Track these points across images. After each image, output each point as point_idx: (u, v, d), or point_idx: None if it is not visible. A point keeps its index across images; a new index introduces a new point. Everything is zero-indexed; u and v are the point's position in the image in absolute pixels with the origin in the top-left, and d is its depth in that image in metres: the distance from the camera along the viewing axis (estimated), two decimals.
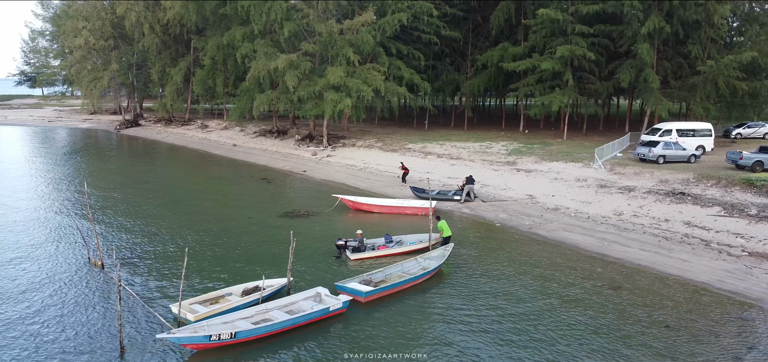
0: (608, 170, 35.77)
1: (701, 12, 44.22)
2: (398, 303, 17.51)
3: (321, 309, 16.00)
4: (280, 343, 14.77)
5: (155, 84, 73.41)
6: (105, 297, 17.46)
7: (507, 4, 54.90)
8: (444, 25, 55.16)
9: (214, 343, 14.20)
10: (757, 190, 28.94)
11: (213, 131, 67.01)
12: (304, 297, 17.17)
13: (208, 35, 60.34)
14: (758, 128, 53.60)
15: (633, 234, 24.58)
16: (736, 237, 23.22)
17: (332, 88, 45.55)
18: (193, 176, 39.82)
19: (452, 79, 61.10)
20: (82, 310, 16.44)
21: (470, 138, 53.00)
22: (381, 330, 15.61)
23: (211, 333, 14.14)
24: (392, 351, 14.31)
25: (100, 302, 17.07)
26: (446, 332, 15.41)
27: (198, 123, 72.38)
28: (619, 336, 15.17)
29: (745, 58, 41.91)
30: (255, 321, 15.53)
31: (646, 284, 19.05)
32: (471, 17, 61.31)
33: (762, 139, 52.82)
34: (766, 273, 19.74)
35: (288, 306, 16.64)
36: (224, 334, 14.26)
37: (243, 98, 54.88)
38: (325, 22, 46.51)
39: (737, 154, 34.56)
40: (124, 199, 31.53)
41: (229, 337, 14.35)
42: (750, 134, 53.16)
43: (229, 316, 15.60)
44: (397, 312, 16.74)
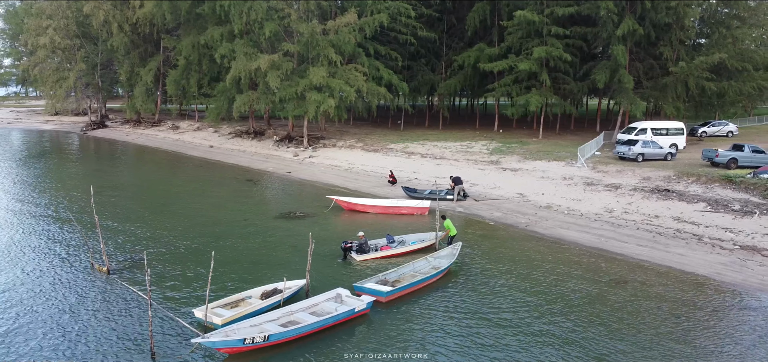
0: (591, 169, 36.80)
1: (672, 15, 45.90)
2: (415, 302, 17.65)
3: (347, 310, 16.05)
4: (308, 345, 14.73)
5: (124, 84, 71.55)
6: (124, 303, 17.07)
7: (482, 6, 55.74)
8: (421, 26, 55.71)
9: (248, 347, 14.11)
10: (736, 186, 30.27)
11: (185, 132, 65.81)
12: (325, 298, 17.17)
13: (182, 34, 59.29)
14: (722, 127, 55.93)
15: (627, 230, 25.42)
16: (725, 232, 24.29)
17: (314, 89, 45.42)
18: (177, 178, 39.09)
19: (428, 79, 61.65)
20: (104, 319, 16.01)
21: (448, 138, 53.61)
22: (405, 329, 15.74)
23: (245, 337, 14.04)
24: (421, 350, 14.45)
25: (121, 309, 16.68)
26: (471, 328, 15.65)
27: (168, 124, 70.97)
28: (638, 328, 15.72)
29: (715, 59, 43.72)
30: (284, 324, 15.48)
31: (651, 278, 19.76)
32: (445, 18, 62.02)
33: (725, 137, 55.22)
34: (760, 265, 20.74)
35: (311, 307, 16.61)
36: (257, 337, 14.18)
37: (220, 99, 54.12)
38: (308, 23, 46.31)
39: (713, 152, 36.04)
40: (112, 202, 30.71)
41: (263, 340, 14.27)
42: (714, 132, 55.41)
43: (256, 319, 15.50)
44: (417, 311, 16.89)
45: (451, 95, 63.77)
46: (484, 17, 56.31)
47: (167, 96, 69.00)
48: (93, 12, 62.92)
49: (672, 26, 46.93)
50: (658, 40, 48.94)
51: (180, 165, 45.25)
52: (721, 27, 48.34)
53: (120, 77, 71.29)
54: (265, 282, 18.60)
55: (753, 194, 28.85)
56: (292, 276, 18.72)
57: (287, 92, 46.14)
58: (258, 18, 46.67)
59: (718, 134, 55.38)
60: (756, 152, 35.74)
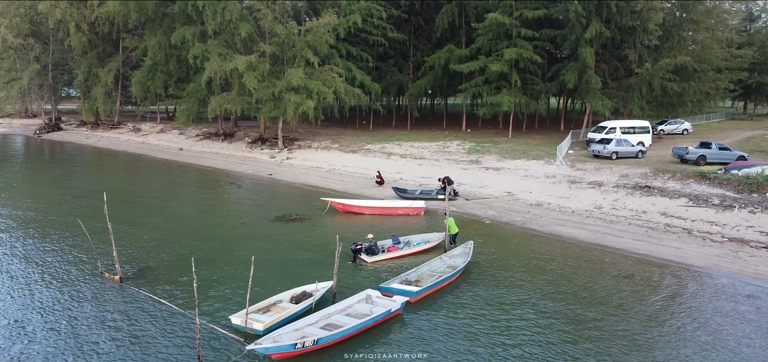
0: (570, 167, 38.08)
1: (636, 18, 47.96)
2: (438, 300, 17.96)
3: (384, 311, 16.22)
4: (351, 347, 14.83)
5: (81, 85, 68.85)
6: (149, 314, 16.67)
7: (451, 7, 56.66)
8: (391, 27, 56.15)
9: (299, 351, 14.13)
10: (710, 181, 32.03)
11: (149, 134, 63.97)
12: (357, 300, 17.29)
13: (147, 34, 57.56)
14: (678, 125, 58.91)
15: (620, 226, 26.54)
16: (712, 225, 25.72)
17: (292, 90, 45.12)
18: (156, 182, 38.03)
19: (396, 80, 62.13)
20: (139, 331, 15.62)
21: (420, 138, 54.29)
22: (439, 327, 16.00)
23: (296, 342, 14.05)
24: (459, 347, 14.79)
25: (150, 319, 16.31)
26: (502, 325, 16.10)
27: (129, 126, 68.80)
28: (663, 320, 16.58)
29: (679, 61, 45.96)
30: (326, 327, 15.53)
31: (654, 271, 20.76)
32: (413, 20, 62.64)
33: (681, 135, 58.14)
34: (751, 256, 22.12)
35: (345, 310, 16.70)
36: (307, 342, 14.20)
37: (190, 100, 52.94)
38: (286, 24, 45.93)
39: (683, 149, 37.95)
40: (97, 208, 29.71)
41: (312, 344, 14.31)
42: (672, 130, 58.30)
43: (297, 324, 15.48)
44: (443, 310, 17.19)
45: (421, 95, 64.42)
46: (452, 19, 57.25)
47: (131, 98, 66.79)
48: (49, 10, 60.31)
49: (636, 29, 49.02)
50: (622, 42, 51.02)
51: (154, 169, 44.00)
52: (679, 30, 50.79)
53: (76, 78, 68.51)
54: (284, 284, 18.57)
55: (727, 189, 30.62)
56: (310, 278, 18.74)
57: (264, 94, 45.62)
58: (233, 18, 45.91)
59: (675, 132, 58.30)
60: (722, 149, 37.89)
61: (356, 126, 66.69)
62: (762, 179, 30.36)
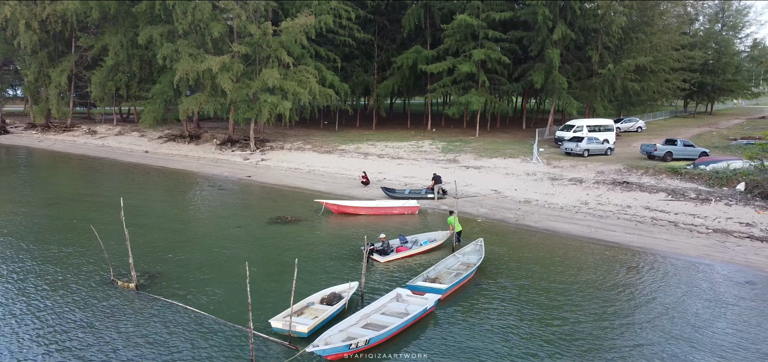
0: (546, 164, 39.43)
1: (599, 21, 50.09)
2: (460, 297, 18.40)
3: (421, 309, 16.51)
4: (394, 346, 15.05)
5: (30, 86, 65.54)
6: (178, 321, 16.33)
7: (417, 9, 57.50)
8: (358, 27, 56.39)
9: (353, 351, 14.26)
10: (682, 176, 33.95)
11: (106, 136, 61.66)
12: (389, 299, 17.51)
13: (107, 33, 55.46)
14: (633, 123, 61.75)
15: (610, 220, 27.78)
16: (694, 218, 27.32)
17: (267, 91, 44.66)
18: (133, 187, 36.75)
19: (362, 80, 62.40)
20: (174, 341, 15.32)
21: (390, 137, 54.80)
22: (474, 322, 16.42)
23: (350, 342, 14.17)
24: (497, 340, 15.28)
25: (181, 328, 15.98)
26: (533, 317, 16.71)
27: (83, 129, 66.10)
28: (678, 309, 17.61)
29: (641, 62, 48.32)
30: (370, 327, 15.71)
31: (654, 263, 21.92)
32: (377, 20, 63.07)
33: (636, 132, 61.01)
34: (737, 246, 23.69)
35: (381, 309, 16.90)
36: (360, 342, 14.34)
37: (156, 101, 51.45)
38: (262, 23, 45.35)
39: (652, 146, 39.98)
40: (83, 214, 28.59)
41: (365, 344, 14.46)
42: (627, 127, 61.05)
43: (340, 325, 15.54)
44: (472, 305, 17.64)
45: (388, 95, 64.93)
46: (418, 20, 58.06)
47: (85, 99, 64.14)
48: None
49: (599, 31, 51.15)
50: (585, 44, 53.12)
51: (125, 172, 42.48)
52: (637, 32, 53.39)
53: (25, 79, 65.19)
54: (302, 287, 18.55)
55: (699, 184, 32.55)
56: (328, 279, 18.86)
57: (238, 94, 44.91)
58: (204, 18, 44.95)
59: (630, 129, 61.11)
60: (687, 145, 40.17)
61: (320, 127, 66.48)
62: (730, 174, 32.42)
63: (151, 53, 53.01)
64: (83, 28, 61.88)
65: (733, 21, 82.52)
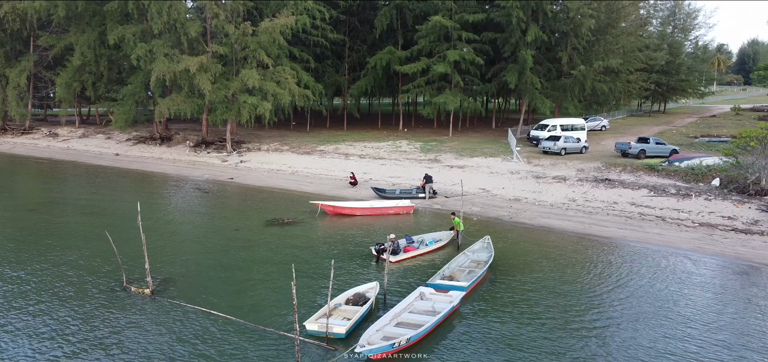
0: (526, 163, 40.45)
1: (569, 24, 51.64)
2: (479, 294, 18.89)
3: (450, 306, 16.85)
4: (427, 344, 15.33)
5: None
6: (205, 327, 16.15)
7: (389, 10, 57.93)
8: (331, 28, 56.37)
9: (396, 349, 14.47)
10: (659, 173, 35.49)
11: (69, 139, 59.46)
12: (414, 298, 17.77)
13: (73, 32, 53.49)
14: (598, 122, 63.90)
15: (600, 216, 28.82)
16: (679, 212, 28.64)
17: (247, 91, 44.14)
18: (114, 191, 35.66)
19: (334, 80, 62.32)
20: (208, 349, 15.16)
21: (365, 137, 55.04)
22: (501, 316, 16.88)
23: (393, 341, 14.37)
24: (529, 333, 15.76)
25: (211, 334, 15.81)
26: (552, 316, 17.30)
27: (43, 131, 63.55)
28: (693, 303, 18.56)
29: (611, 63, 50.10)
30: (405, 325, 15.95)
31: (653, 255, 22.92)
32: (348, 20, 63.10)
33: (600, 131, 63.15)
34: (724, 238, 25.02)
35: (409, 308, 17.15)
36: (402, 340, 14.54)
37: (127, 103, 50.03)
38: (239, 24, 44.73)
39: (626, 144, 41.59)
40: (61, 221, 27.68)
41: (406, 342, 14.68)
42: (592, 126, 63.05)
43: (376, 325, 15.68)
44: (489, 301, 18.11)
45: (361, 95, 65.04)
46: (391, 21, 58.47)
47: (48, 100, 61.71)
48: None
49: (569, 34, 52.73)
50: (555, 45, 54.67)
51: (100, 176, 41.04)
52: (604, 34, 55.29)
53: None
54: (317, 288, 18.62)
55: (676, 180, 34.11)
56: (341, 280, 19.00)
57: (217, 95, 44.20)
58: (180, 18, 43.99)
59: (595, 128, 63.19)
60: (658, 143, 41.99)
61: (290, 128, 65.96)
62: (705, 170, 34.11)
63: (121, 53, 51.50)
64: (43, 26, 59.50)
65: (682, 24, 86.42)
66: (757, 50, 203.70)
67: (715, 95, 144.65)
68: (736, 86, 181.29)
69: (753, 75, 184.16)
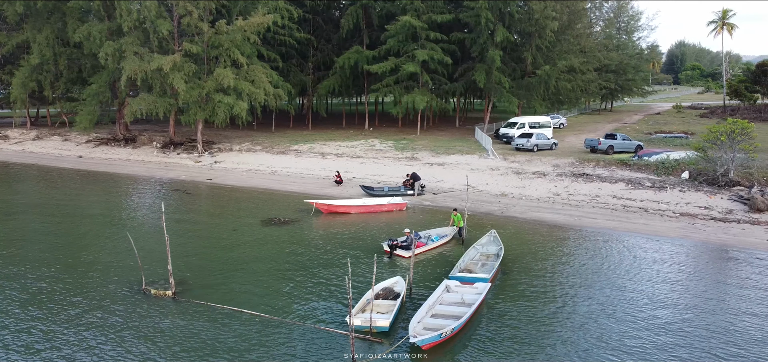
0: (504, 160, 41.62)
1: (534, 25, 53.35)
2: (499, 285, 19.57)
3: (480, 297, 17.35)
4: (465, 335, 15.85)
5: None
6: (239, 327, 16.07)
7: (355, 9, 58.20)
8: (297, 27, 56.15)
9: (442, 339, 14.91)
10: (631, 167, 37.30)
11: (23, 141, 56.67)
12: (441, 291, 18.18)
13: (29, 29, 50.95)
14: (557, 119, 66.17)
15: (586, 209, 30.12)
16: (658, 204, 30.30)
17: (221, 91, 43.43)
18: (90, 195, 34.34)
19: (299, 80, 62.00)
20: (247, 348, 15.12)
21: (335, 137, 55.17)
22: (526, 305, 17.57)
23: (440, 331, 14.80)
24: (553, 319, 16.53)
25: (248, 335, 15.74)
26: (571, 305, 18.17)
27: None
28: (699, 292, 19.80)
29: (574, 63, 52.12)
30: (442, 316, 16.44)
31: (649, 246, 24.25)
32: (313, 19, 62.94)
33: (558, 128, 65.44)
34: (706, 226, 26.70)
35: (439, 300, 17.58)
36: (447, 330, 14.98)
37: (91, 103, 48.20)
38: (217, 22, 43.91)
39: (595, 141, 43.42)
40: (42, 226, 26.62)
41: (450, 332, 15.13)
42: (554, 124, 65.29)
43: (416, 316, 16.00)
44: (510, 293, 18.81)
45: (328, 95, 64.96)
46: (357, 20, 58.77)
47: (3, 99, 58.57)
48: None
49: (533, 34, 54.47)
50: (520, 46, 56.36)
51: (70, 180, 39.35)
52: (565, 34, 57.48)
53: None
54: (320, 290, 18.80)
55: (647, 173, 35.95)
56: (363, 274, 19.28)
57: (191, 95, 43.25)
58: (150, 16, 42.76)
59: (555, 126, 65.43)
60: (625, 139, 44.05)
61: (254, 128, 65.09)
62: (674, 164, 36.13)
63: (82, 52, 49.55)
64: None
65: (625, 26, 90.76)
66: (684, 51, 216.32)
67: (654, 94, 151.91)
68: (666, 85, 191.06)
69: (681, 75, 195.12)
